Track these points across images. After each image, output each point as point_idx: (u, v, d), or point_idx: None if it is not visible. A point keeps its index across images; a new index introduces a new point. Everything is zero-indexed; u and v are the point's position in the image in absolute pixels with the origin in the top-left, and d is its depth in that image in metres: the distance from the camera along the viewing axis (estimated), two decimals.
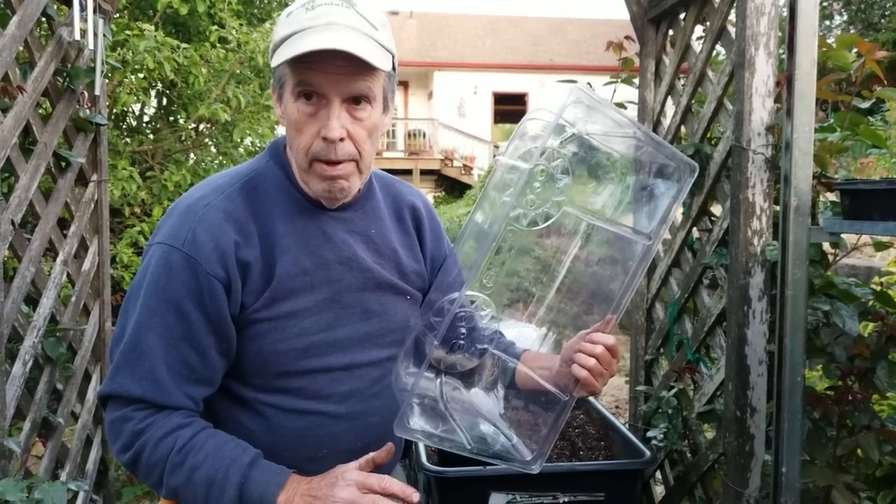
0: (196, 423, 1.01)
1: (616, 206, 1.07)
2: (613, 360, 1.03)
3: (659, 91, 2.40)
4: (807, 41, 1.50)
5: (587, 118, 0.98)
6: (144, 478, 1.01)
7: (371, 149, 1.04)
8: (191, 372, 1.01)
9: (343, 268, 1.08)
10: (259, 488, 0.94)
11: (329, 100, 0.98)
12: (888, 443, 1.63)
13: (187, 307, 0.99)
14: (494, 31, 20.78)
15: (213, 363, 1.02)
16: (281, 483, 0.95)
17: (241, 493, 0.94)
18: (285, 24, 0.99)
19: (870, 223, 1.40)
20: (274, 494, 0.93)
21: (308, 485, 0.94)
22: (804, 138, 1.50)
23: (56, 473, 2.20)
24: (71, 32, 2.13)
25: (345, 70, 0.96)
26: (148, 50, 3.66)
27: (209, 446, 0.98)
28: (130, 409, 1.00)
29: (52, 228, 2.15)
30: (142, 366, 0.99)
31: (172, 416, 1.00)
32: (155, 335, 0.99)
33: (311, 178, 1.03)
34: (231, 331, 1.03)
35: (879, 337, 1.69)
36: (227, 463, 0.96)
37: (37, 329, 2.06)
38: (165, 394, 0.99)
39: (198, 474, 0.96)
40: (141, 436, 0.98)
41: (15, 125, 1.92)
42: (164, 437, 0.98)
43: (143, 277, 1.02)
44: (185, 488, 0.97)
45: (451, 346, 1.04)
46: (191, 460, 0.96)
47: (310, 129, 0.99)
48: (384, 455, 0.96)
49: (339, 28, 0.96)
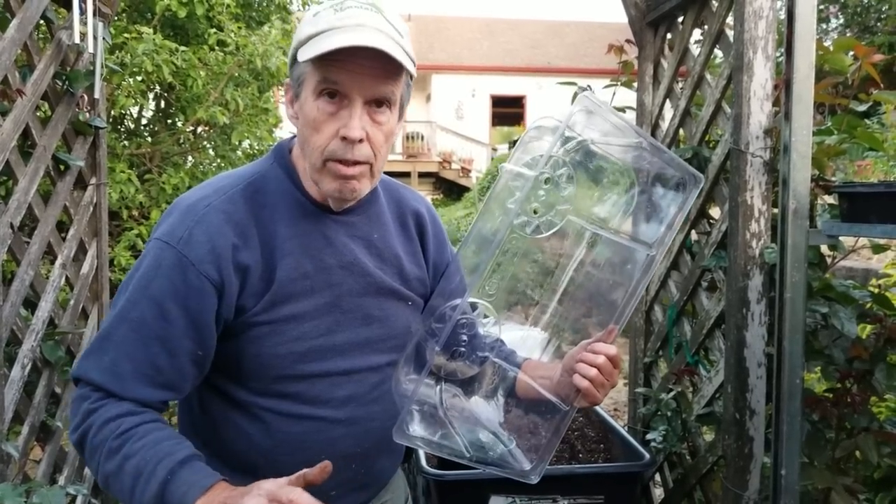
0: (146, 413, 0.98)
1: (620, 215, 1.07)
2: (615, 371, 1.02)
3: (657, 94, 2.41)
4: (805, 45, 1.50)
5: (593, 126, 0.98)
6: (88, 461, 0.98)
7: (385, 154, 1.04)
8: (157, 374, 0.98)
9: (344, 272, 1.08)
10: (182, 488, 0.89)
11: (352, 99, 0.98)
12: (886, 445, 1.63)
13: (169, 306, 0.97)
14: (492, 34, 20.82)
15: (183, 369, 1.00)
16: (205, 486, 0.89)
17: (163, 490, 0.89)
18: (312, 23, 0.99)
19: (868, 226, 1.40)
20: (194, 497, 0.88)
21: (228, 493, 0.89)
22: (802, 141, 1.51)
23: (54, 478, 2.19)
24: (70, 36, 2.13)
25: (371, 71, 0.96)
26: (146, 53, 3.66)
27: (149, 438, 0.94)
28: (90, 388, 0.98)
29: (50, 232, 2.14)
30: (108, 355, 0.98)
31: (125, 402, 0.97)
32: (129, 328, 0.98)
33: (324, 177, 1.02)
34: (211, 339, 1.01)
35: (877, 339, 1.70)
36: (159, 457, 0.92)
37: (35, 332, 2.06)
38: (123, 388, 0.97)
39: (129, 463, 0.92)
40: (90, 415, 0.96)
41: (14, 128, 1.92)
42: (110, 421, 0.95)
43: (136, 270, 1.01)
44: (114, 477, 0.93)
45: (452, 353, 1.03)
46: (127, 448, 0.93)
47: (329, 127, 0.99)
48: (317, 473, 0.89)
49: (369, 30, 0.96)
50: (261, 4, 5.17)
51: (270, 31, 4.36)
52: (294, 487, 0.85)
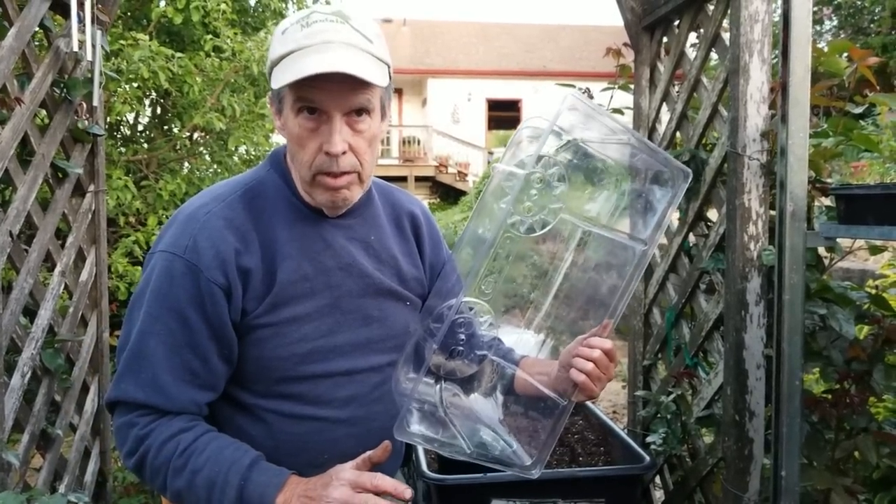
0: (198, 426, 1.02)
1: (612, 212, 1.08)
2: (611, 364, 1.04)
3: (654, 98, 2.42)
4: (800, 48, 1.51)
5: (582, 125, 1.00)
6: (151, 482, 1.02)
7: (371, 158, 1.06)
8: (194, 377, 1.02)
9: (343, 274, 1.10)
10: (258, 490, 0.95)
11: (330, 115, 1.00)
12: (885, 445, 1.64)
13: (189, 314, 1.01)
14: (487, 38, 20.85)
15: (216, 369, 1.04)
16: (279, 484, 0.96)
17: (240, 494, 0.95)
18: (281, 41, 1.00)
19: (865, 227, 1.41)
20: (273, 496, 0.95)
21: (305, 485, 0.95)
22: (799, 144, 1.52)
23: (55, 486, 2.18)
24: (69, 43, 2.13)
25: (345, 87, 0.98)
26: (143, 59, 3.66)
27: (210, 449, 0.99)
28: (135, 414, 1.01)
29: (49, 239, 2.14)
30: (145, 372, 1.01)
31: (175, 420, 1.01)
32: (158, 341, 1.01)
33: (315, 190, 1.05)
34: (232, 337, 1.04)
35: (875, 340, 1.70)
36: (227, 465, 0.97)
37: (35, 340, 2.06)
38: (168, 399, 1.01)
39: (199, 477, 0.97)
40: (144, 440, 1.00)
41: (13, 136, 1.92)
42: (167, 442, 0.99)
43: (147, 285, 1.03)
44: (187, 491, 0.98)
45: (451, 352, 1.05)
46: (192, 463, 0.98)
47: (312, 143, 1.01)
48: (380, 453, 0.97)
49: (336, 46, 0.97)
50: (256, 10, 5.17)
51: (266, 36, 4.37)
52: (374, 474, 0.93)
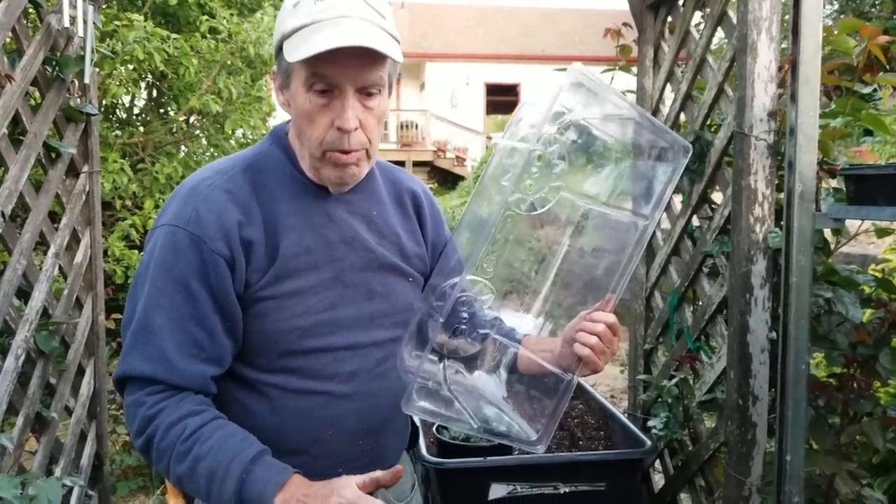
0: (207, 412, 1.00)
1: (612, 188, 1.08)
2: (615, 338, 1.04)
3: (658, 78, 2.38)
4: (811, 25, 1.48)
5: (584, 101, 0.99)
6: (156, 463, 1.01)
7: (379, 135, 1.07)
8: (200, 350, 1.01)
9: (346, 247, 1.09)
10: (258, 485, 0.93)
11: (343, 90, 0.99)
12: (891, 430, 1.62)
13: (194, 286, 1.00)
14: (486, 22, 20.70)
15: (221, 342, 1.03)
16: (281, 482, 0.94)
17: (240, 488, 0.93)
18: (292, 14, 0.99)
19: (876, 209, 1.38)
20: (272, 493, 0.92)
21: (307, 489, 0.93)
22: (809, 123, 1.48)
23: (50, 469, 2.17)
24: (60, 20, 2.09)
25: (360, 62, 0.97)
26: (137, 40, 3.59)
27: (216, 437, 0.97)
28: (143, 393, 1.00)
29: (43, 220, 2.11)
30: (151, 345, 0.99)
31: (184, 402, 1.00)
32: (163, 314, 0.99)
33: (325, 166, 1.04)
34: (237, 310, 1.03)
35: (881, 324, 1.69)
36: (230, 456, 0.95)
37: (29, 323, 2.03)
38: (175, 372, 0.99)
39: (201, 465, 0.95)
40: (152, 421, 0.98)
41: (4, 115, 1.88)
42: (174, 424, 0.97)
43: (150, 259, 1.02)
44: (188, 478, 0.97)
45: (454, 330, 1.05)
46: (196, 450, 0.96)
47: (323, 119, 1.00)
48: (389, 477, 0.95)
49: (353, 21, 0.96)
50: None
51: (263, 17, 4.31)
52: (376, 501, 0.91)
